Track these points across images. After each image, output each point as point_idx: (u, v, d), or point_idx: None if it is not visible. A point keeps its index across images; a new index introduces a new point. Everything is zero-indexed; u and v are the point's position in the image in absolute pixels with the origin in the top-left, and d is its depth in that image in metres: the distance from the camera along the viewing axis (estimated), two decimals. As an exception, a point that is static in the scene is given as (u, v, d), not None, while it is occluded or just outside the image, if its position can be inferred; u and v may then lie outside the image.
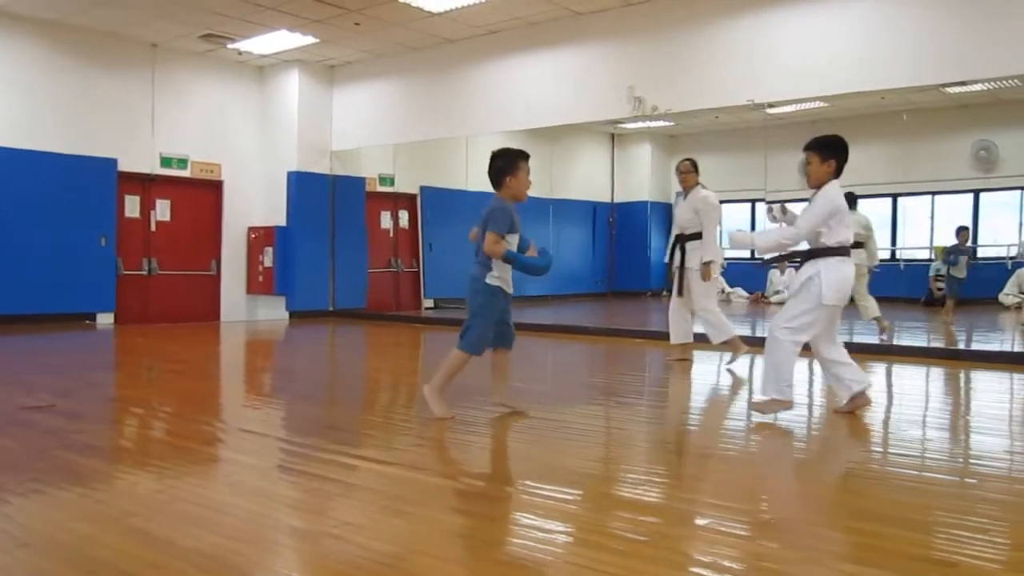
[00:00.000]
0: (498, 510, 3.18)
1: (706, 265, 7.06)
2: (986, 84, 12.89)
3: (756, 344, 8.11)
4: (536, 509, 3.12)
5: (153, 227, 12.21)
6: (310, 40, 11.45)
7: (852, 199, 9.54)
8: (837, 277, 4.58)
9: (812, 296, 4.64)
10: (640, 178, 19.26)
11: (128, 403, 5.70)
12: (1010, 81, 12.52)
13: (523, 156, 4.72)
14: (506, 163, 4.66)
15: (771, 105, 13.01)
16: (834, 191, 4.63)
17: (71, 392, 5.90)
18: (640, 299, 17.70)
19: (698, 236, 7.14)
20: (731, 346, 7.25)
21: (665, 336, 8.29)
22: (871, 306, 9.41)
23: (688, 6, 9.53)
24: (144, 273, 12.08)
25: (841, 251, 4.59)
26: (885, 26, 8.33)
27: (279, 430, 4.81)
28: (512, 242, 4.62)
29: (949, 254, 12.07)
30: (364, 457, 3.95)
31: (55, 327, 10.69)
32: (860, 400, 4.84)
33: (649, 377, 7.13)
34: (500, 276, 4.64)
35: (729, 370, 7.07)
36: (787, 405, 4.70)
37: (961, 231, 12.30)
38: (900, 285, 15.53)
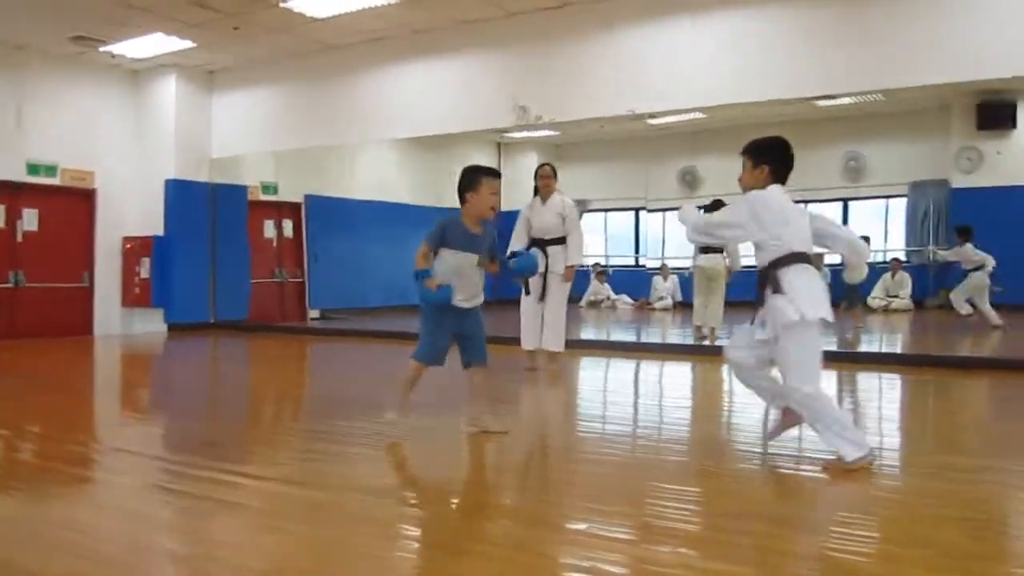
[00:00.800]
0: (372, 524, 3.13)
1: (571, 268, 7.19)
2: (853, 98, 13.54)
3: (620, 348, 8.31)
4: (411, 520, 3.10)
5: (19, 237, 11.59)
6: (187, 44, 11.10)
7: (718, 206, 9.74)
8: (804, 285, 3.84)
9: (790, 324, 3.79)
10: (526, 187, 19.34)
11: (-10, 424, 5.39)
12: (875, 96, 13.20)
13: (487, 172, 4.55)
14: (469, 178, 4.51)
15: (652, 116, 13.35)
16: (765, 196, 4.00)
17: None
18: (506, 308, 17.81)
19: (561, 241, 7.23)
20: (557, 357, 7.34)
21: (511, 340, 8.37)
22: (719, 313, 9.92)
23: (570, 17, 9.67)
24: (10, 286, 11.45)
25: (800, 258, 3.91)
26: (758, 41, 8.66)
27: (155, 448, 4.64)
28: (459, 260, 4.44)
29: None
30: (243, 473, 3.84)
31: (-90, 344, 10.04)
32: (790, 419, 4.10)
33: (516, 387, 7.18)
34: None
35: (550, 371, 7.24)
36: (869, 456, 3.75)
37: None
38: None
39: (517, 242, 7.36)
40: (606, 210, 19.57)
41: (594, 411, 5.88)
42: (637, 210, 18.79)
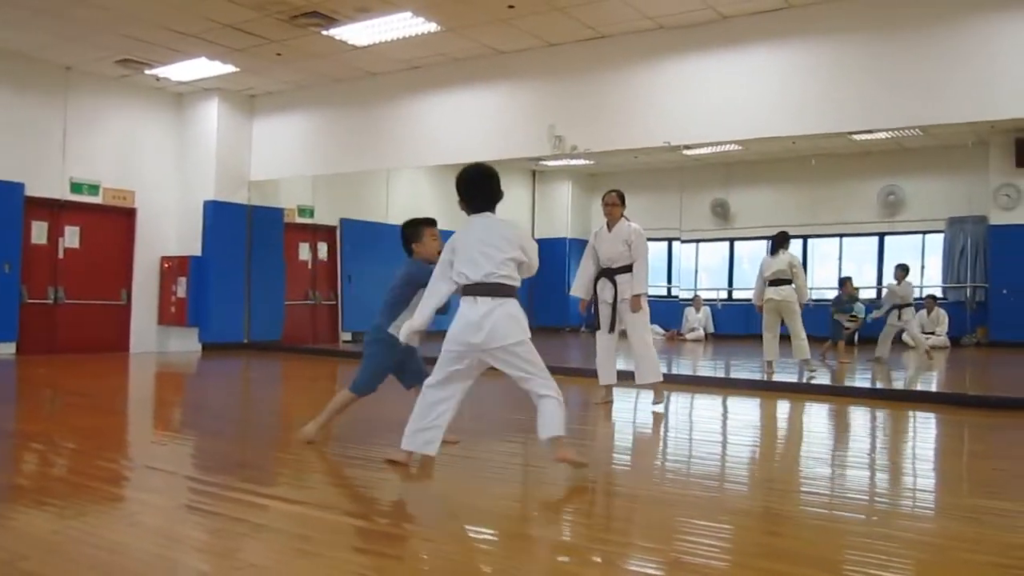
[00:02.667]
0: (404, 550, 3.14)
1: (637, 297, 6.86)
2: (890, 133, 13.47)
3: (674, 382, 8.27)
4: (440, 549, 3.10)
5: (61, 254, 11.82)
6: (230, 69, 11.32)
7: (784, 238, 9.85)
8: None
9: None
10: (560, 215, 19.49)
11: (25, 438, 5.47)
12: (912, 131, 13.12)
13: (427, 223, 5.15)
14: (412, 232, 5.13)
15: (687, 147, 13.36)
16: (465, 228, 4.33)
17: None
18: (560, 335, 17.81)
19: (628, 269, 6.95)
20: (657, 389, 7.01)
21: (584, 373, 8.34)
22: (804, 345, 9.51)
23: (608, 49, 9.75)
24: (50, 302, 11.67)
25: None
26: (795, 75, 8.67)
27: (187, 467, 4.69)
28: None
29: (836, 303, 12.67)
30: (273, 496, 3.87)
31: (-48, 357, 10.24)
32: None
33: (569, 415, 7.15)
34: (396, 324, 4.86)
35: (654, 412, 6.91)
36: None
37: (844, 281, 12.98)
38: (807, 324, 15.92)
39: (584, 273, 7.19)
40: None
41: (680, 449, 5.84)
42: (670, 240, 18.73)
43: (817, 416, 7.24)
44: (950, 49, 7.94)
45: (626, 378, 7.26)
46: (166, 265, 12.76)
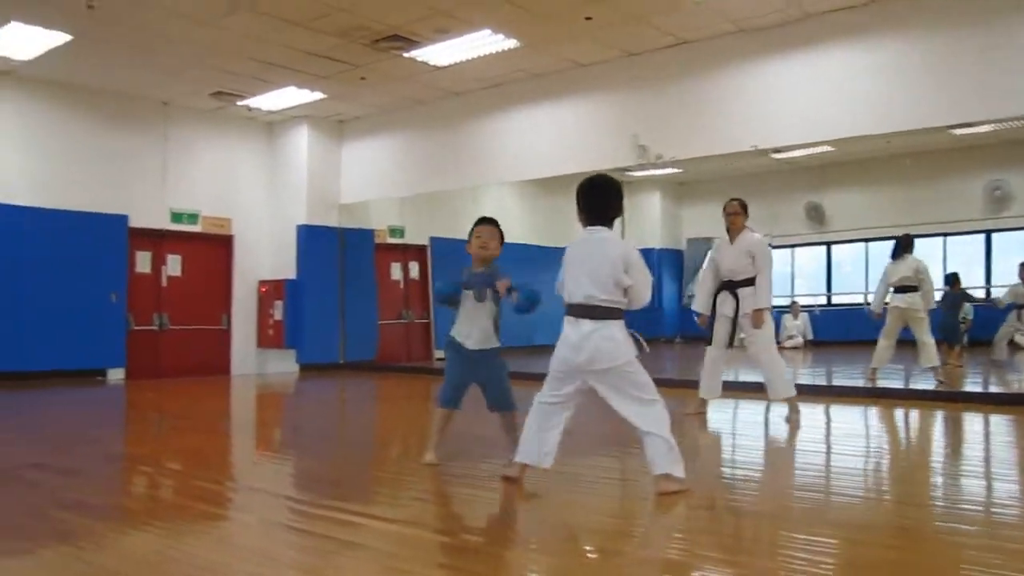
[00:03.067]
0: (495, 568, 3.10)
1: (759, 312, 6.53)
2: (992, 125, 12.89)
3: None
4: (534, 567, 3.05)
5: (164, 282, 12.27)
6: (318, 96, 11.59)
7: (908, 241, 9.37)
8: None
9: None
10: (650, 225, 19.29)
11: (131, 460, 5.66)
12: (1016, 122, 12.54)
13: (479, 222, 4.94)
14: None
15: (777, 150, 13.06)
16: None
17: (71, 448, 5.86)
18: (653, 345, 17.58)
19: (750, 282, 6.61)
20: (792, 404, 6.69)
21: (676, 384, 8.20)
22: (933, 352, 8.99)
23: (688, 55, 9.61)
24: (155, 328, 12.11)
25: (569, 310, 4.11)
26: (886, 71, 8.37)
27: (285, 487, 4.76)
28: (465, 296, 4.81)
29: (948, 302, 12.00)
30: (368, 514, 3.88)
31: (66, 383, 10.69)
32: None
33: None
34: (457, 329, 4.89)
35: (787, 421, 6.62)
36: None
37: (954, 279, 12.34)
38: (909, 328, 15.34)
39: (703, 287, 6.95)
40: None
41: (814, 460, 5.69)
42: (772, 247, 18.32)
43: (928, 422, 6.93)
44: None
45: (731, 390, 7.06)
46: (263, 289, 13.10)
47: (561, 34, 9.38)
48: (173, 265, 12.37)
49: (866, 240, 17.25)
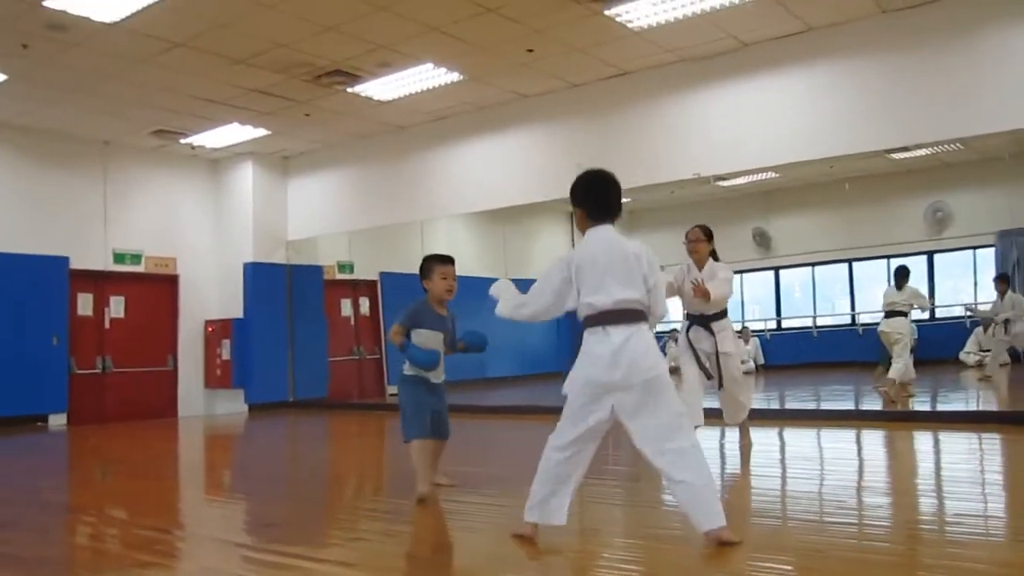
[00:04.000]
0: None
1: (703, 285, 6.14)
2: (930, 149, 13.23)
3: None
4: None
5: (107, 324, 11.99)
6: (262, 132, 11.48)
7: (906, 272, 9.96)
8: (580, 357, 3.62)
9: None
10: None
11: (71, 509, 5.45)
12: (953, 145, 12.88)
13: (438, 260, 5.03)
14: (423, 269, 5.04)
15: (721, 178, 13.24)
16: (575, 249, 3.73)
17: (6, 498, 5.64)
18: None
19: (722, 315, 6.36)
20: (745, 426, 6.66)
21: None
22: (900, 368, 9.49)
23: (631, 84, 9.71)
24: (98, 371, 11.80)
25: (600, 319, 3.54)
26: (825, 98, 8.55)
27: (234, 533, 4.60)
28: (429, 337, 4.96)
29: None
30: (321, 559, 3.76)
31: (4, 431, 10.34)
32: None
33: (613, 456, 6.97)
34: (413, 367, 4.97)
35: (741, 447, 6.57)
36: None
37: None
38: (859, 350, 15.63)
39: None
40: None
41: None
42: (712, 273, 18.49)
43: (874, 443, 6.99)
44: (983, 58, 7.78)
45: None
46: (210, 329, 12.86)
47: (503, 66, 9.43)
48: (116, 306, 12.10)
49: (812, 264, 17.52)
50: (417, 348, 4.89)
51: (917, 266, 16.55)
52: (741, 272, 18.29)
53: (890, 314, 9.79)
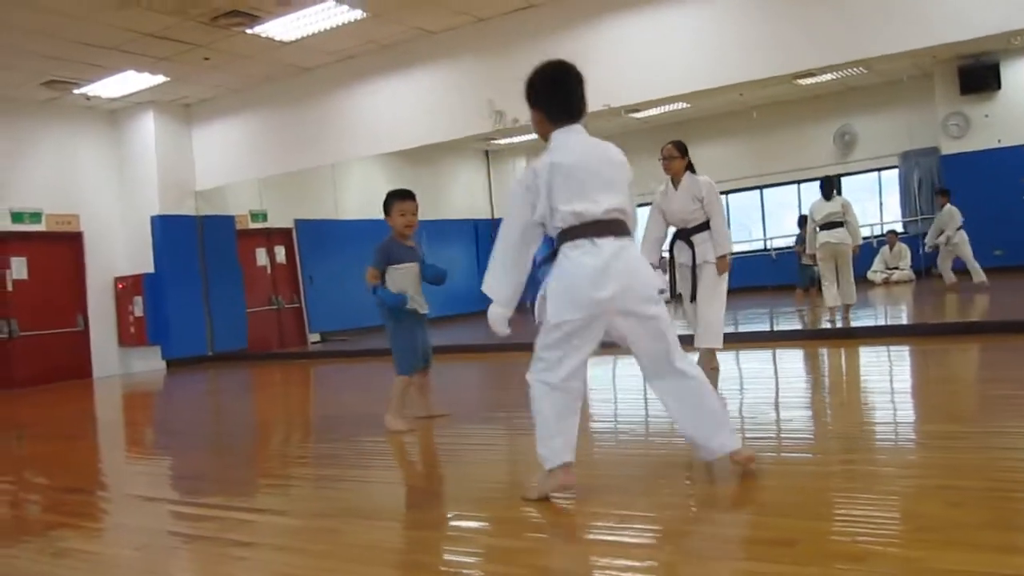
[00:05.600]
0: (409, 545, 3.01)
1: (722, 258, 6.19)
2: (836, 73, 13.46)
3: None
4: (428, 545, 2.99)
5: (10, 287, 11.49)
6: (160, 79, 11.01)
7: (834, 181, 9.76)
8: (558, 276, 3.20)
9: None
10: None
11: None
12: (857, 69, 13.14)
13: (397, 196, 5.10)
14: (385, 205, 5.09)
15: (633, 109, 13.26)
16: (542, 158, 3.24)
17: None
18: (525, 311, 17.71)
19: (703, 227, 6.27)
20: (710, 357, 6.39)
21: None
22: (853, 290, 9.32)
23: (538, 18, 9.59)
24: (4, 336, 11.34)
25: (581, 232, 3.11)
26: (731, 24, 8.59)
27: (163, 490, 4.51)
28: (401, 272, 5.01)
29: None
30: (256, 509, 3.72)
31: (-93, 405, 9.91)
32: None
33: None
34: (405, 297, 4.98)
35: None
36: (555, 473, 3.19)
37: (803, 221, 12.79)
38: (772, 275, 16.05)
39: (647, 236, 6.44)
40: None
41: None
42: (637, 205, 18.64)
43: (851, 360, 7.21)
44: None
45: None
46: (120, 286, 12.47)
47: (406, 2, 9.19)
48: (18, 268, 11.59)
49: (726, 192, 17.79)
50: (387, 291, 4.93)
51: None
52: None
53: (828, 225, 9.15)
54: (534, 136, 12.28)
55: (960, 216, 11.95)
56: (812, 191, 16.93)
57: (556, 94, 3.28)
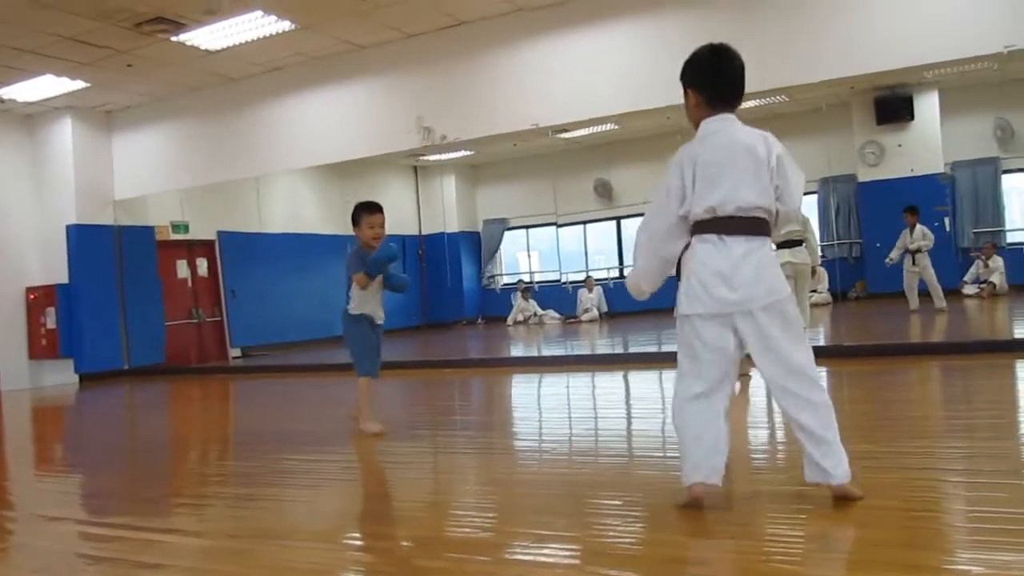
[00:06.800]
0: (303, 572, 2.95)
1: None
2: (759, 100, 13.77)
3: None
4: (352, 565, 2.93)
5: (-88, 296, 11.00)
6: (80, 85, 10.70)
7: None
8: (692, 268, 3.06)
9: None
10: (446, 209, 19.31)
11: None
12: (779, 97, 13.48)
13: (365, 209, 5.33)
14: (353, 217, 5.32)
15: (561, 129, 13.38)
16: (689, 145, 3.19)
17: None
18: (455, 329, 17.69)
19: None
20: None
21: (484, 363, 8.23)
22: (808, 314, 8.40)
23: (468, 36, 9.63)
24: (-95, 348, 10.85)
25: (712, 226, 3.01)
26: (657, 49, 8.70)
27: (73, 510, 4.31)
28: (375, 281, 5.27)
29: None
30: (169, 530, 3.60)
31: None
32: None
33: (463, 406, 7.02)
34: (359, 307, 5.26)
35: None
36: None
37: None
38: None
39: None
40: (527, 227, 19.55)
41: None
42: (552, 224, 18.80)
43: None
44: (807, 12, 8.14)
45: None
46: (32, 296, 12.04)
47: (336, 15, 9.12)
48: (-78, 276, 11.12)
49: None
50: (374, 255, 5.14)
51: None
52: (584, 223, 18.65)
53: (787, 244, 7.88)
54: (463, 153, 12.40)
55: (932, 236, 11.87)
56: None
57: (716, 76, 3.16)
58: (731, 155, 3.00)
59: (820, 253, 8.46)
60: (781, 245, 8.13)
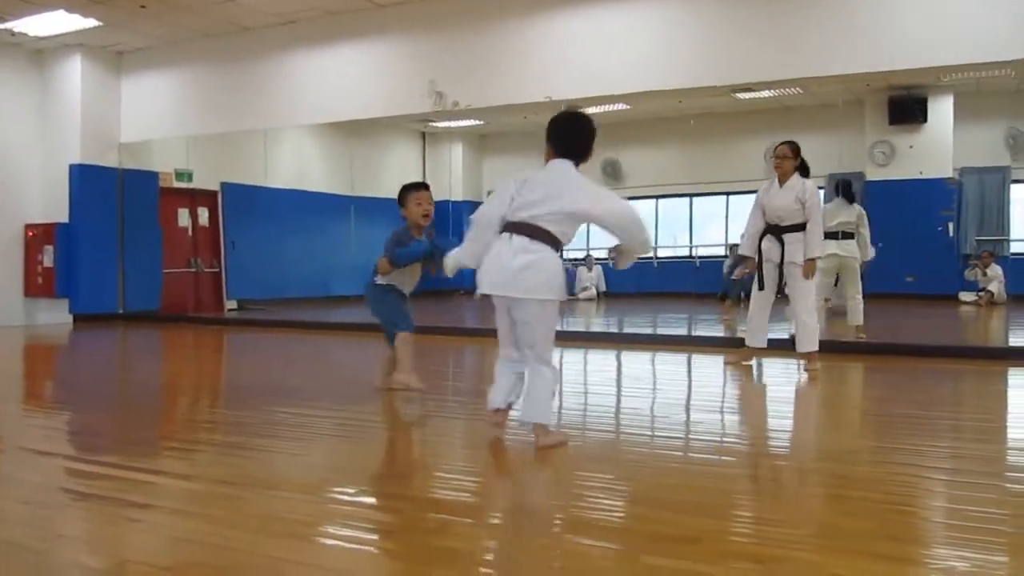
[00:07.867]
0: (289, 522, 2.96)
1: (811, 261, 6.28)
2: (773, 91, 13.72)
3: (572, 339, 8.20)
4: (336, 518, 2.94)
5: (-91, 224, 10.97)
6: (92, 23, 10.60)
7: (851, 185, 8.88)
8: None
9: None
10: (452, 177, 19.25)
11: None
12: (793, 89, 13.40)
13: (412, 187, 5.26)
14: (400, 197, 5.25)
15: (575, 105, 13.28)
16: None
17: None
18: (452, 297, 17.67)
19: (800, 228, 6.33)
20: (811, 359, 6.39)
21: (470, 332, 8.20)
22: (861, 308, 8.40)
23: (488, 2, 9.55)
24: (-100, 275, 10.83)
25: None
26: (677, 31, 8.69)
27: (61, 446, 4.32)
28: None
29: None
30: (156, 471, 3.61)
31: None
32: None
33: (456, 372, 7.03)
34: (393, 280, 5.18)
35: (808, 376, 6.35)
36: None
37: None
38: (696, 282, 16.37)
39: (752, 231, 6.56)
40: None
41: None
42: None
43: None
44: (828, 5, 8.08)
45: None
46: (30, 233, 12.01)
47: (360, -29, 9.05)
48: (-79, 205, 11.07)
49: (657, 197, 18.03)
50: (404, 249, 5.04)
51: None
52: (588, 201, 18.57)
53: (838, 235, 8.21)
54: (473, 122, 12.42)
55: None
56: (740, 203, 17.36)
57: (559, 136, 4.09)
58: (545, 182, 3.92)
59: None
60: (829, 235, 7.82)
